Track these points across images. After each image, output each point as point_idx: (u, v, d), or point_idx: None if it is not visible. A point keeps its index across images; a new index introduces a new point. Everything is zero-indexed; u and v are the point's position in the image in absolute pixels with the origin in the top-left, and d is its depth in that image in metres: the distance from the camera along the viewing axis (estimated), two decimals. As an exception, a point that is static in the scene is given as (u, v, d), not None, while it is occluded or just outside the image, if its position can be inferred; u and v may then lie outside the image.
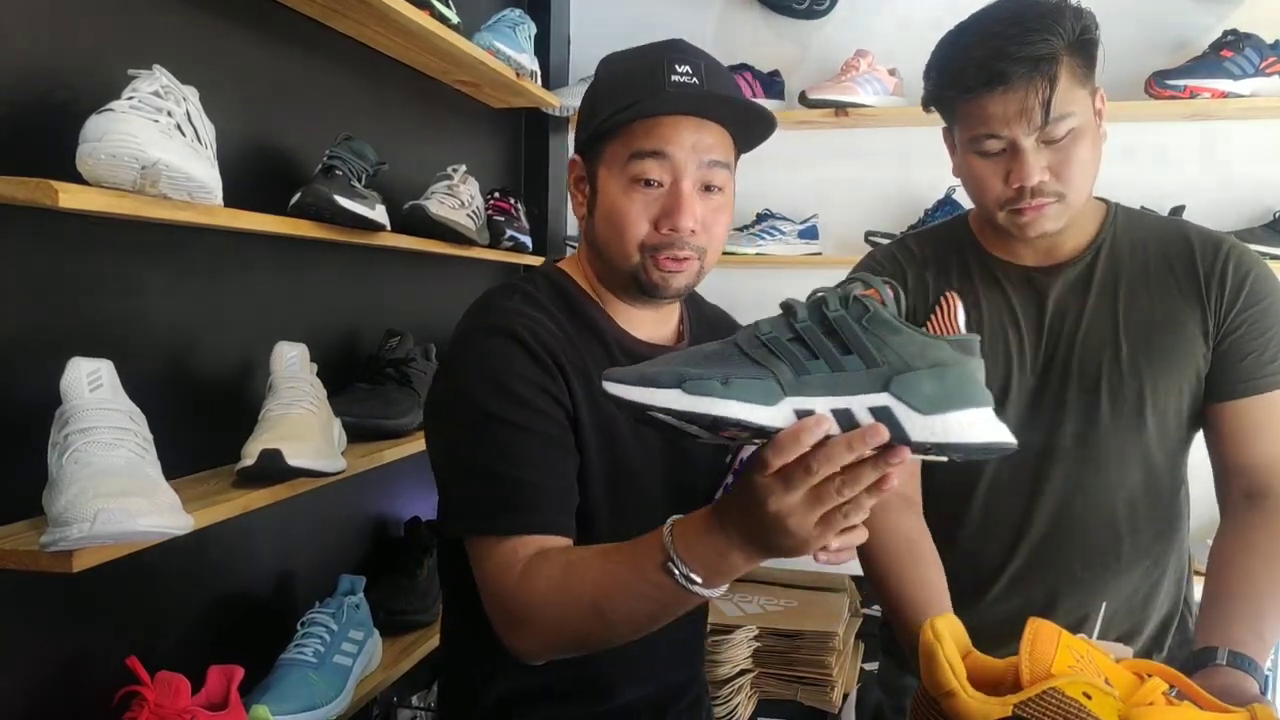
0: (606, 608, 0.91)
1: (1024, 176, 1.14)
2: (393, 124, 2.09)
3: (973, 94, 1.14)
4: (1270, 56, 2.37)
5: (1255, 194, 2.50)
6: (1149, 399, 1.22)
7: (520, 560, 0.97)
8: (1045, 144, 1.14)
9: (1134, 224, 1.29)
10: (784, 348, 0.76)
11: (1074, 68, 1.13)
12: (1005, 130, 1.14)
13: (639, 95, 1.04)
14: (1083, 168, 1.17)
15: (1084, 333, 1.24)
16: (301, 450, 1.38)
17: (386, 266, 2.04)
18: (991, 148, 1.16)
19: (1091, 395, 1.23)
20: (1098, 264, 1.26)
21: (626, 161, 1.06)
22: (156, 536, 1.11)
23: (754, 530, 0.81)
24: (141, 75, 1.20)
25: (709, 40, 2.82)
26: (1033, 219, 1.18)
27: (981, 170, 1.18)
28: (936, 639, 0.86)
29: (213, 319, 1.55)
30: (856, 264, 1.39)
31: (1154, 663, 0.93)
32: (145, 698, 1.20)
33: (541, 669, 1.06)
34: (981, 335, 1.18)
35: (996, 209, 1.20)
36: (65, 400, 1.13)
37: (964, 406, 0.73)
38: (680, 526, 0.86)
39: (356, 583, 1.72)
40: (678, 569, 0.84)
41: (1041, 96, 1.11)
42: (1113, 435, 1.23)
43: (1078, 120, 1.14)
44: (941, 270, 1.31)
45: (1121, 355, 1.22)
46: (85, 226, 1.28)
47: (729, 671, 2.10)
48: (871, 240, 2.58)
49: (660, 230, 1.06)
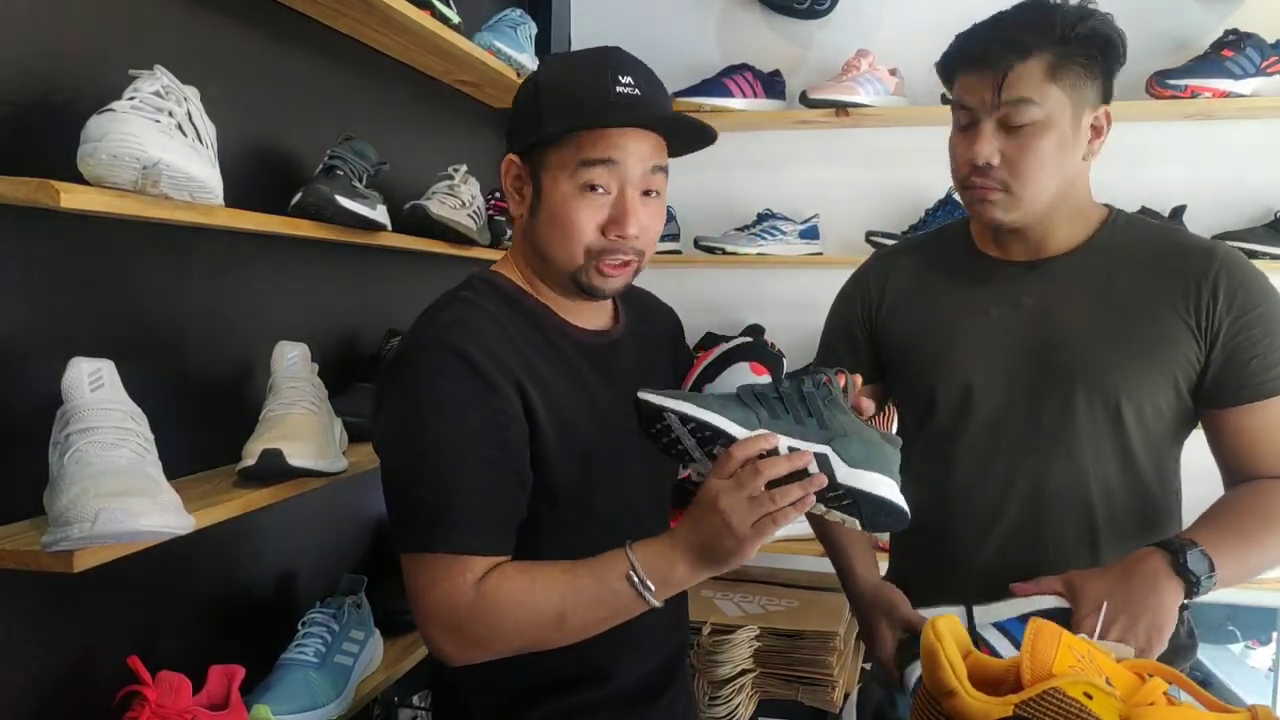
0: (568, 616, 1.02)
1: (975, 153, 1.21)
2: (393, 124, 2.09)
3: (959, 67, 1.24)
4: (1271, 56, 2.37)
5: (1256, 194, 2.50)
6: (1124, 391, 1.23)
7: (470, 582, 1.02)
8: (1003, 128, 1.20)
9: (1132, 228, 1.31)
10: (768, 401, 1.01)
11: (1053, 66, 1.17)
12: (970, 103, 1.21)
13: (591, 106, 1.07)
14: (1039, 162, 1.19)
15: (1063, 325, 1.26)
16: (302, 450, 1.38)
17: (387, 266, 2.04)
18: (961, 119, 1.25)
19: (1067, 385, 1.25)
20: (1086, 261, 1.28)
21: (576, 168, 1.08)
22: (157, 536, 1.11)
23: (702, 533, 0.97)
24: (143, 75, 1.20)
25: (709, 40, 2.82)
26: (980, 200, 1.23)
27: (955, 141, 1.27)
28: (937, 639, 0.85)
29: (214, 319, 1.55)
30: (870, 258, 1.49)
31: (1155, 663, 0.93)
32: (146, 697, 1.20)
33: (542, 663, 1.10)
34: (961, 325, 1.30)
35: (958, 184, 1.27)
36: (66, 400, 1.13)
37: (878, 471, 0.98)
38: (639, 545, 1.01)
39: (357, 583, 1.72)
40: (636, 577, 0.99)
41: (997, 76, 1.18)
42: (1087, 425, 1.24)
43: (1041, 113, 1.18)
44: (932, 261, 1.39)
45: (1099, 348, 1.24)
46: (86, 226, 1.28)
47: (730, 671, 2.11)
48: (872, 240, 2.58)
49: (607, 236, 1.10)
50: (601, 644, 1.09)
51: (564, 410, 1.12)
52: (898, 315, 1.39)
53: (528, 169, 1.13)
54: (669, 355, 1.34)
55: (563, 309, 1.18)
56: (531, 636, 1.03)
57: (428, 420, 1.05)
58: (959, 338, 1.31)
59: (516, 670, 1.14)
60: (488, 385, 1.05)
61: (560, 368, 1.14)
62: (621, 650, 1.17)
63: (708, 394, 1.04)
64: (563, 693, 1.16)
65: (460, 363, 1.05)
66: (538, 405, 1.09)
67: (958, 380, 1.30)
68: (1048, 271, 1.28)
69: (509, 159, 1.15)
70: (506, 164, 1.15)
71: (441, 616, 1.04)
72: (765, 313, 2.72)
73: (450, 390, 1.05)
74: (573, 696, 1.17)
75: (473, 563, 1.03)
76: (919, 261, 1.41)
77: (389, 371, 1.12)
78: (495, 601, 1.02)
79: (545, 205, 1.11)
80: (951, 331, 1.31)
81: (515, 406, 1.07)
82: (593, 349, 1.19)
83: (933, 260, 1.40)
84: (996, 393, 1.28)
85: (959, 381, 1.30)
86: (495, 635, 1.03)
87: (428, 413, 1.05)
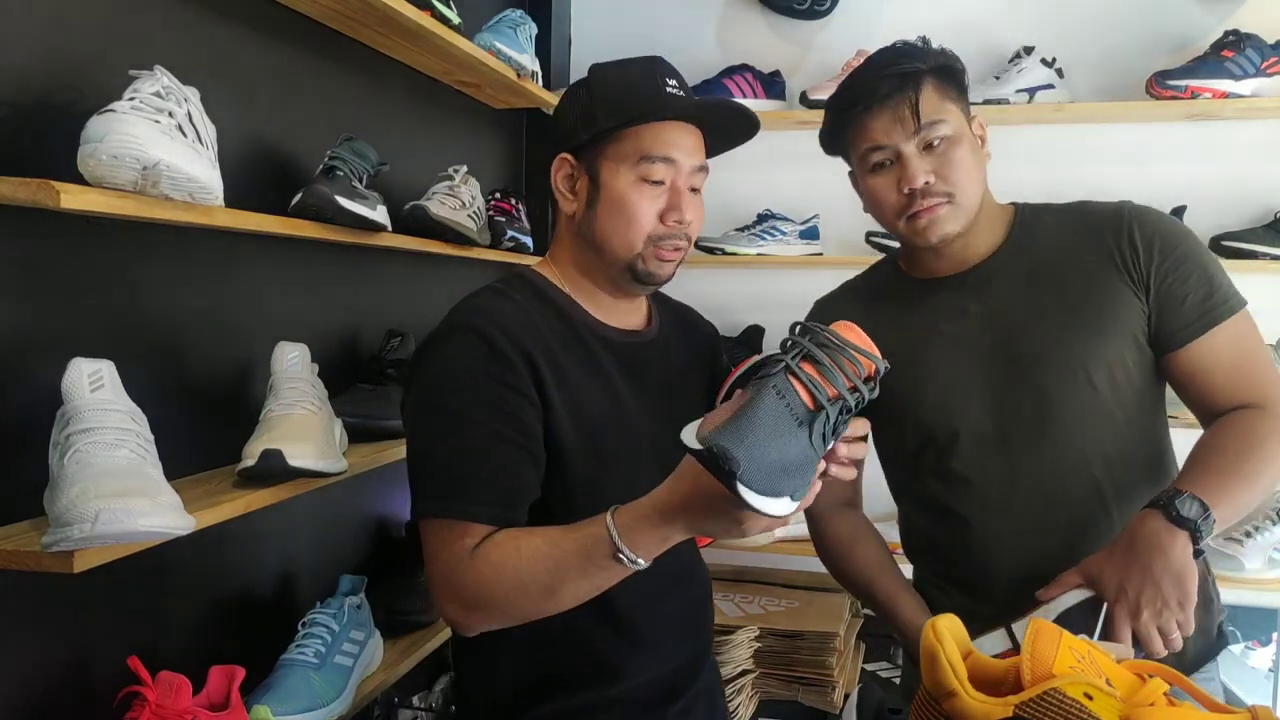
0: (557, 586, 1.01)
1: (910, 179, 1.25)
2: (394, 124, 2.09)
3: (854, 116, 1.29)
4: (1271, 57, 2.37)
5: (1256, 194, 2.50)
6: (1090, 361, 1.26)
7: (468, 548, 1.05)
8: (925, 150, 1.26)
9: (1040, 215, 1.36)
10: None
11: (939, 86, 1.27)
12: (887, 140, 1.27)
13: (647, 103, 1.16)
14: (965, 170, 1.27)
15: (1013, 320, 1.29)
16: (303, 451, 1.38)
17: (388, 267, 2.04)
18: (880, 158, 1.29)
19: (1034, 373, 1.27)
20: (1011, 257, 1.33)
21: (637, 162, 1.16)
22: (158, 537, 1.11)
23: (708, 519, 0.93)
24: (143, 76, 1.20)
25: (709, 40, 2.82)
26: (928, 221, 1.27)
27: (876, 185, 1.30)
28: (937, 639, 0.86)
29: (214, 319, 1.55)
30: (812, 307, 1.50)
31: (1155, 663, 0.93)
32: (146, 698, 1.20)
33: (552, 659, 1.13)
34: (919, 350, 1.32)
35: (896, 220, 1.30)
36: (66, 400, 1.13)
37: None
38: (622, 522, 0.97)
39: (357, 583, 1.72)
40: (625, 555, 0.96)
41: (910, 103, 1.25)
42: (1066, 404, 1.26)
43: (950, 129, 1.26)
44: (872, 297, 1.43)
45: (1052, 328, 1.27)
46: (86, 227, 1.28)
47: (730, 672, 2.11)
48: (872, 240, 2.58)
49: (666, 222, 1.18)
50: (609, 643, 1.11)
51: (581, 398, 1.15)
52: None
53: (582, 165, 1.20)
54: (706, 369, 1.37)
55: (596, 308, 1.23)
56: (524, 605, 1.04)
57: (446, 394, 1.11)
58: (921, 363, 1.32)
59: (522, 664, 1.16)
60: (504, 363, 1.10)
61: (583, 360, 1.18)
62: (631, 651, 1.18)
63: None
64: (569, 690, 1.17)
65: (478, 340, 1.11)
66: (551, 387, 1.13)
67: (930, 403, 1.32)
68: (982, 276, 1.33)
69: (561, 158, 1.22)
70: (558, 163, 1.22)
71: (442, 581, 1.07)
72: (765, 313, 2.72)
73: (468, 366, 1.10)
74: (579, 694, 1.17)
75: (475, 529, 1.06)
76: (858, 301, 1.44)
77: (416, 353, 1.18)
78: (486, 567, 1.03)
79: (605, 197, 1.18)
80: (912, 358, 1.31)
81: (529, 385, 1.11)
82: (621, 347, 1.23)
83: (872, 296, 1.43)
84: (974, 403, 1.30)
85: (932, 404, 1.32)
86: (489, 602, 1.05)
87: (446, 387, 1.11)
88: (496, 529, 1.06)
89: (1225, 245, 2.40)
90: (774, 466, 0.85)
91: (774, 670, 2.17)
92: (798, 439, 0.87)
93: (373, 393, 1.76)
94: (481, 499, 1.07)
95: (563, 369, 1.15)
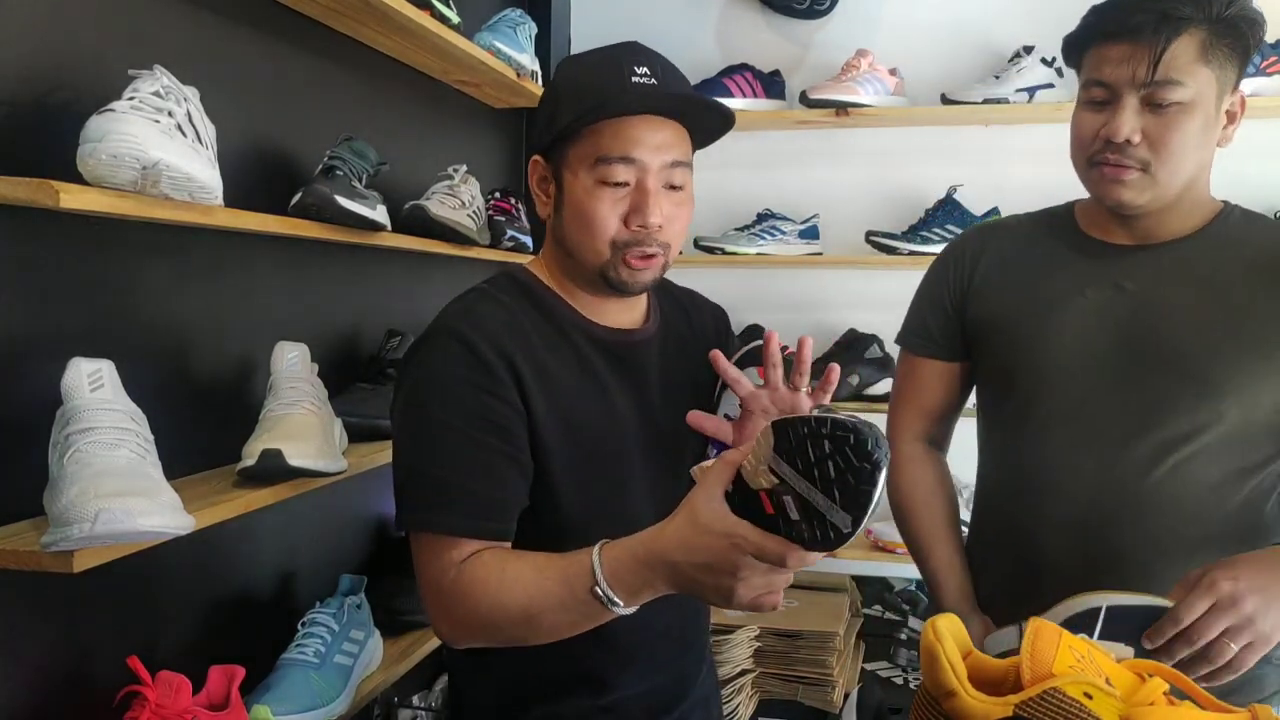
0: (535, 616, 0.99)
1: (1115, 130, 1.15)
2: (393, 124, 2.09)
3: (1099, 40, 1.17)
4: (1271, 56, 2.37)
5: (1256, 194, 2.50)
6: (1231, 387, 1.17)
7: (455, 562, 1.03)
8: (1148, 107, 1.15)
9: (1248, 223, 1.25)
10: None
11: (1206, 44, 1.13)
12: (1113, 78, 1.15)
13: (602, 96, 1.06)
14: (1181, 145, 1.15)
15: (1166, 312, 1.20)
16: (302, 450, 1.38)
17: (387, 267, 2.04)
18: (1097, 95, 1.18)
19: (1164, 375, 1.19)
20: (1195, 251, 1.22)
21: (594, 164, 1.08)
22: (158, 537, 1.11)
23: (695, 581, 0.89)
24: (142, 75, 1.20)
25: (709, 40, 2.82)
26: (1112, 180, 1.17)
27: (1081, 118, 1.21)
28: (937, 639, 0.85)
29: (213, 319, 1.55)
30: (970, 230, 1.43)
31: (1155, 663, 0.93)
32: (146, 698, 1.20)
33: (538, 665, 1.10)
34: (1054, 306, 1.25)
35: (1083, 161, 1.21)
36: (66, 400, 1.13)
37: None
38: (609, 557, 0.94)
39: (357, 583, 1.72)
40: (603, 593, 0.93)
41: (1155, 50, 1.11)
42: (1184, 419, 1.18)
43: (1189, 94, 1.13)
44: (1031, 239, 1.34)
45: (1205, 339, 1.18)
46: (86, 226, 1.28)
47: (730, 671, 2.11)
48: (872, 240, 2.58)
49: (630, 227, 1.09)
50: (596, 653, 1.09)
51: (570, 402, 1.11)
52: (989, 291, 1.33)
53: (551, 168, 1.13)
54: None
55: (588, 308, 1.17)
56: (505, 630, 1.02)
57: (428, 402, 1.07)
58: (1050, 319, 1.25)
59: (510, 671, 1.15)
60: (488, 371, 1.06)
61: (571, 362, 1.13)
62: (619, 662, 1.15)
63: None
64: (555, 698, 1.15)
65: (462, 348, 1.06)
66: (535, 394, 1.08)
67: (1044, 362, 1.25)
68: (1154, 257, 1.23)
69: (533, 160, 1.16)
70: (531, 165, 1.16)
71: (431, 595, 1.06)
72: (765, 313, 2.72)
73: (451, 374, 1.06)
74: (565, 703, 1.16)
75: (460, 543, 1.04)
76: (1017, 237, 1.35)
77: (405, 357, 1.15)
78: (469, 588, 1.01)
79: (568, 202, 1.11)
80: (1044, 311, 1.25)
81: (512, 391, 1.07)
82: (613, 347, 1.18)
83: (1031, 237, 1.34)
84: (1082, 378, 1.22)
85: (1046, 363, 1.24)
86: (472, 622, 1.03)
87: (429, 395, 1.07)
88: (483, 541, 1.04)
89: (1225, 245, 2.40)
90: None
91: (774, 670, 2.17)
92: None
93: (373, 393, 1.77)
94: (464, 511, 1.04)
95: (549, 372, 1.10)
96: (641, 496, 1.15)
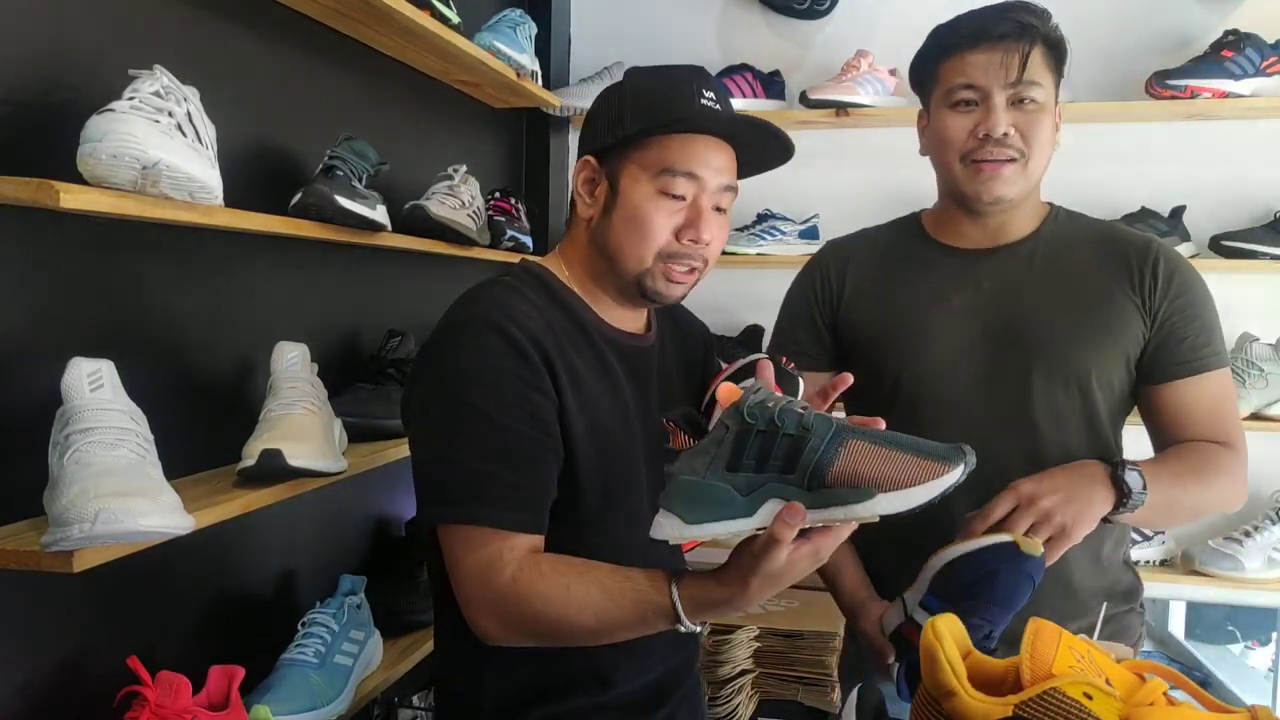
0: (602, 634, 1.03)
1: (992, 125, 1.26)
2: (393, 124, 2.09)
3: (958, 50, 1.28)
4: (1271, 56, 2.37)
5: (1256, 194, 2.50)
6: (1092, 367, 1.31)
7: (509, 561, 1.02)
8: (1014, 105, 1.27)
9: (1073, 221, 1.40)
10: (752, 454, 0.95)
11: (1047, 55, 1.28)
12: (983, 80, 1.26)
13: (677, 112, 1.11)
14: (1043, 140, 1.28)
15: (1023, 307, 1.32)
16: (302, 450, 1.38)
17: (387, 267, 2.04)
18: (966, 97, 1.28)
19: (1025, 364, 1.31)
20: (1037, 248, 1.36)
21: (658, 174, 1.11)
22: (157, 536, 1.11)
23: (766, 590, 0.96)
24: (142, 75, 1.20)
25: (709, 40, 2.82)
26: (991, 175, 1.28)
27: (951, 123, 1.30)
28: (937, 639, 0.85)
29: (213, 319, 1.55)
30: (824, 246, 1.54)
31: (1156, 663, 0.93)
32: (146, 698, 1.20)
33: (541, 665, 1.11)
34: (926, 313, 1.35)
35: (958, 162, 1.30)
36: (66, 400, 1.13)
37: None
38: (686, 592, 0.98)
39: (357, 583, 1.72)
40: (684, 626, 0.99)
41: (1022, 53, 1.24)
42: (1045, 400, 1.30)
43: (1044, 95, 1.27)
44: (889, 250, 1.44)
45: (1059, 327, 1.30)
46: (86, 226, 1.28)
47: (729, 671, 2.10)
48: (872, 240, 2.59)
49: (681, 240, 1.13)
50: (603, 651, 1.09)
51: (594, 401, 1.13)
52: (861, 305, 1.43)
53: (604, 170, 1.16)
54: (697, 371, 1.36)
55: (603, 310, 1.20)
56: (564, 640, 1.05)
57: (467, 392, 1.06)
58: (924, 326, 1.35)
59: (513, 671, 1.15)
60: (525, 362, 1.07)
61: (594, 362, 1.16)
62: (623, 658, 1.16)
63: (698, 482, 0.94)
64: (559, 697, 1.16)
65: (499, 338, 1.07)
66: (567, 390, 1.10)
67: (922, 367, 1.34)
68: (1004, 257, 1.35)
69: (584, 160, 1.18)
70: (580, 164, 1.18)
71: (479, 593, 1.04)
72: (764, 313, 2.70)
73: (489, 363, 1.06)
74: (569, 701, 1.16)
75: (512, 538, 1.03)
76: (876, 249, 1.46)
77: (423, 352, 1.14)
78: (529, 597, 1.01)
79: (622, 205, 1.13)
80: (917, 319, 1.36)
81: (548, 383, 1.08)
82: (626, 350, 1.21)
83: (890, 249, 1.45)
84: (959, 375, 1.33)
85: (924, 368, 1.34)
86: (530, 626, 1.03)
87: (467, 385, 1.06)
88: (526, 534, 1.04)
89: (1225, 245, 2.40)
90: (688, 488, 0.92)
91: (774, 670, 2.17)
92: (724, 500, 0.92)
93: (373, 393, 1.76)
94: (508, 504, 1.04)
95: (577, 372, 1.12)
96: (646, 495, 1.18)
